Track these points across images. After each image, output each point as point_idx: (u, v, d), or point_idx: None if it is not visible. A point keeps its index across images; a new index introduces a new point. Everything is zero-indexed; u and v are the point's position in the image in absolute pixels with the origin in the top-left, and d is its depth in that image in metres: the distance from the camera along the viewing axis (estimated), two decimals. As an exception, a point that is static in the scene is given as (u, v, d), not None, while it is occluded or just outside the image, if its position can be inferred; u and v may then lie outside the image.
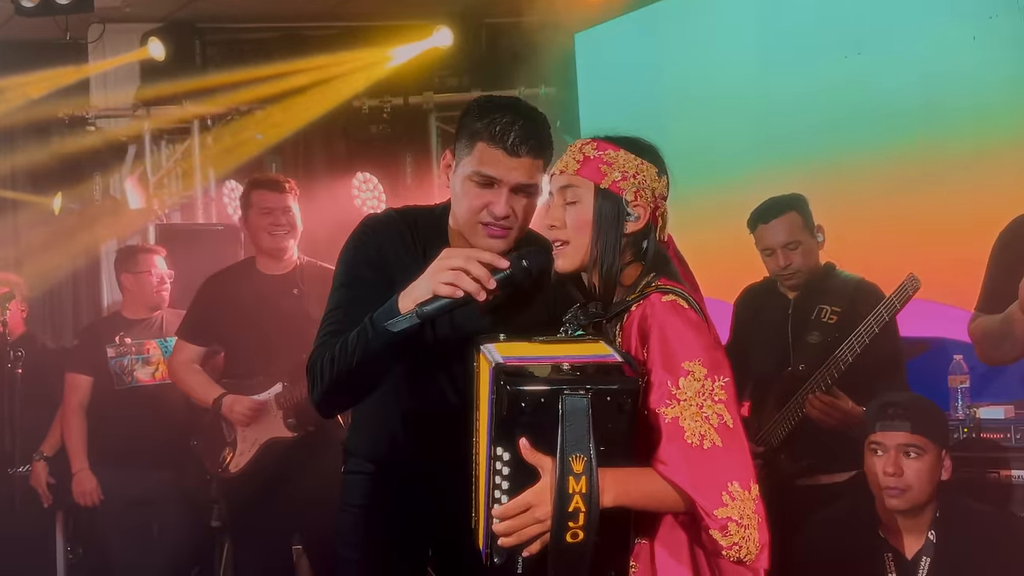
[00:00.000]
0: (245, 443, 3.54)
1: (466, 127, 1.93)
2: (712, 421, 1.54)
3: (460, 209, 1.95)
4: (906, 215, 3.96)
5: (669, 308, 1.61)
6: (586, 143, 1.72)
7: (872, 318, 2.81)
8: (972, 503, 2.54)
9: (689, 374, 1.55)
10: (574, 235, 1.69)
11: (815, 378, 2.90)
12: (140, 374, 3.98)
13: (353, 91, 5.26)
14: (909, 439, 2.40)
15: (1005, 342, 2.56)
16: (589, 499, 1.46)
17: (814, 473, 2.95)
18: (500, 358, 1.54)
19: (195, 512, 4.08)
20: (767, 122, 4.45)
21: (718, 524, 1.51)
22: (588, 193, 1.68)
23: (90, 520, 4.18)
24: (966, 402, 3.27)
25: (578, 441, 1.46)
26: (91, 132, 5.18)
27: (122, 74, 5.36)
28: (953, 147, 3.84)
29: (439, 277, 1.75)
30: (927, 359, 3.45)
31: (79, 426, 4.02)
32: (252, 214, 3.59)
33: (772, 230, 3.03)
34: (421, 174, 5.40)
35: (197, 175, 5.28)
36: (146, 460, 3.87)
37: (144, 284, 4.06)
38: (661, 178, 1.72)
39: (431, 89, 5.42)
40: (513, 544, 1.53)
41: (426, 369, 2.04)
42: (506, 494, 1.52)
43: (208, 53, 5.43)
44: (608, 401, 1.48)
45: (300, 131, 5.29)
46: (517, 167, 1.87)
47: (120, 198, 5.18)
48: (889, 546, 2.43)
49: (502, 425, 1.50)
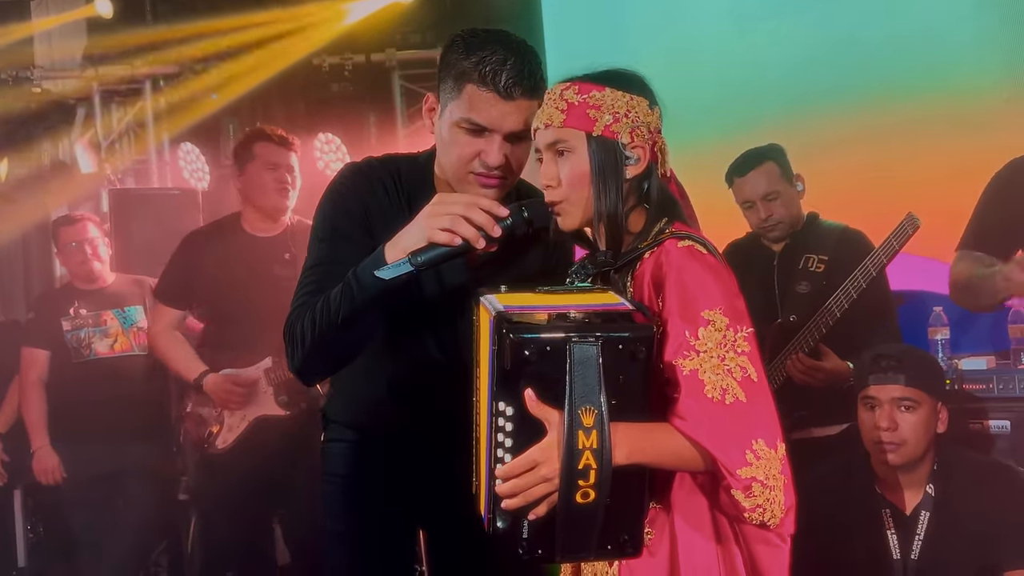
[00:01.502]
0: (233, 418, 3.39)
1: (451, 65, 1.76)
2: (735, 374, 1.44)
3: (448, 158, 1.80)
4: (881, 165, 3.96)
5: (686, 253, 1.50)
6: (566, 88, 1.57)
7: (869, 261, 2.79)
8: (970, 453, 2.51)
9: (710, 323, 1.45)
10: (572, 192, 1.57)
11: (809, 327, 2.87)
12: (99, 347, 3.84)
13: (312, 47, 5.15)
14: (904, 392, 2.35)
15: (989, 296, 2.54)
16: (601, 455, 1.36)
17: (807, 426, 2.92)
18: (502, 307, 1.44)
19: (162, 486, 3.99)
20: (736, 74, 4.41)
21: (741, 484, 1.41)
22: (580, 143, 1.55)
23: (52, 498, 4.07)
24: (947, 353, 3.28)
25: (588, 393, 1.36)
26: (36, 93, 4.98)
27: (68, 31, 5.18)
28: (927, 97, 3.85)
29: (435, 223, 1.62)
30: (905, 311, 3.43)
31: (38, 402, 3.90)
32: (254, 167, 3.38)
33: (750, 182, 3.00)
34: (385, 134, 5.30)
35: (150, 137, 5.15)
36: (109, 434, 3.75)
37: (69, 258, 3.91)
38: (654, 110, 1.58)
39: (393, 46, 5.30)
40: (518, 506, 1.43)
41: (411, 328, 1.92)
42: (509, 452, 1.42)
43: (159, 9, 5.25)
44: (620, 350, 1.37)
45: (257, 90, 5.16)
46: (512, 111, 1.71)
47: (70, 162, 5.02)
48: (887, 502, 2.39)
49: (504, 378, 1.40)
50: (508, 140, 1.75)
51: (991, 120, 3.63)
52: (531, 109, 1.72)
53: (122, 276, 4.02)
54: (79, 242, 3.85)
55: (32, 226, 5.01)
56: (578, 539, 1.42)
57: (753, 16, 4.40)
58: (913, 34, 3.85)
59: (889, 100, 3.93)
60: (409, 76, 5.33)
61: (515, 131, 1.73)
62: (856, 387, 2.48)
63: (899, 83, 3.90)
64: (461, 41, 1.77)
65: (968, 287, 2.59)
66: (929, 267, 3.69)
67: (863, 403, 2.42)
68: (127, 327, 3.86)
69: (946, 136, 3.77)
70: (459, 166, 1.78)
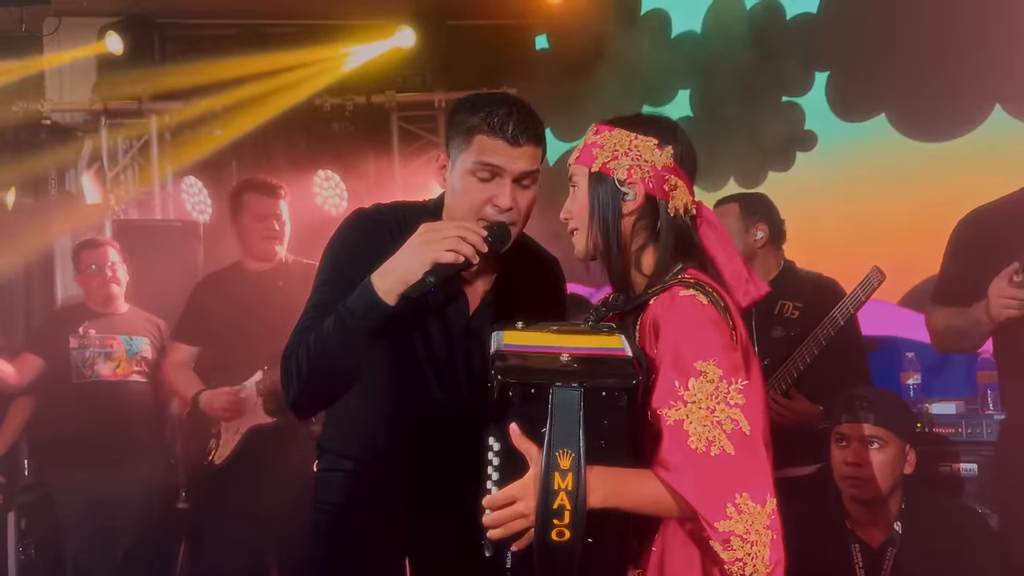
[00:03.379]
0: (228, 433, 3.54)
1: (460, 123, 1.89)
2: (725, 426, 1.42)
3: (461, 206, 1.89)
4: (857, 218, 4.08)
5: (687, 303, 1.51)
6: (590, 129, 1.69)
7: (837, 311, 2.91)
8: (937, 496, 2.60)
9: (702, 375, 1.45)
10: (578, 222, 1.67)
11: (781, 371, 2.98)
12: (102, 368, 3.91)
13: (314, 89, 5.26)
14: (873, 431, 2.45)
15: (966, 339, 2.57)
16: (575, 497, 1.39)
17: (781, 466, 2.99)
18: (502, 345, 1.50)
19: (158, 505, 4.01)
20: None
21: (720, 537, 1.40)
22: (583, 179, 1.66)
23: (46, 519, 4.08)
24: (918, 397, 3.39)
25: (567, 436, 1.40)
26: (46, 126, 5.07)
27: (78, 68, 5.27)
28: (900, 154, 3.98)
29: (440, 246, 1.76)
30: (879, 356, 3.54)
31: (16, 408, 4.00)
32: (245, 217, 3.60)
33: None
34: (383, 172, 5.38)
35: (155, 170, 5.22)
36: (104, 458, 3.80)
37: (88, 281, 4.00)
38: (664, 148, 1.62)
39: (393, 88, 5.43)
40: (500, 537, 1.47)
41: (409, 365, 1.98)
42: (496, 485, 1.48)
43: (167, 49, 5.35)
44: (603, 397, 1.41)
45: (260, 128, 5.25)
46: (519, 156, 1.84)
47: (76, 193, 5.10)
48: (856, 537, 2.46)
49: (493, 413, 1.47)
50: (516, 183, 1.86)
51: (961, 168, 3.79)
52: (536, 155, 1.87)
53: (136, 309, 4.11)
54: (100, 265, 3.95)
55: (35, 254, 5.07)
56: (558, 575, 1.44)
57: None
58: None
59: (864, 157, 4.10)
60: (407, 117, 5.45)
61: (524, 171, 1.86)
62: (830, 426, 2.57)
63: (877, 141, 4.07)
64: (467, 102, 1.91)
65: (949, 332, 2.60)
66: (901, 314, 3.82)
67: (835, 440, 2.52)
68: (131, 354, 3.94)
69: (923, 187, 3.91)
70: (472, 212, 1.87)
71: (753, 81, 4.46)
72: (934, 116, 3.94)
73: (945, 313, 2.60)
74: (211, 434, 3.57)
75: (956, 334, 2.58)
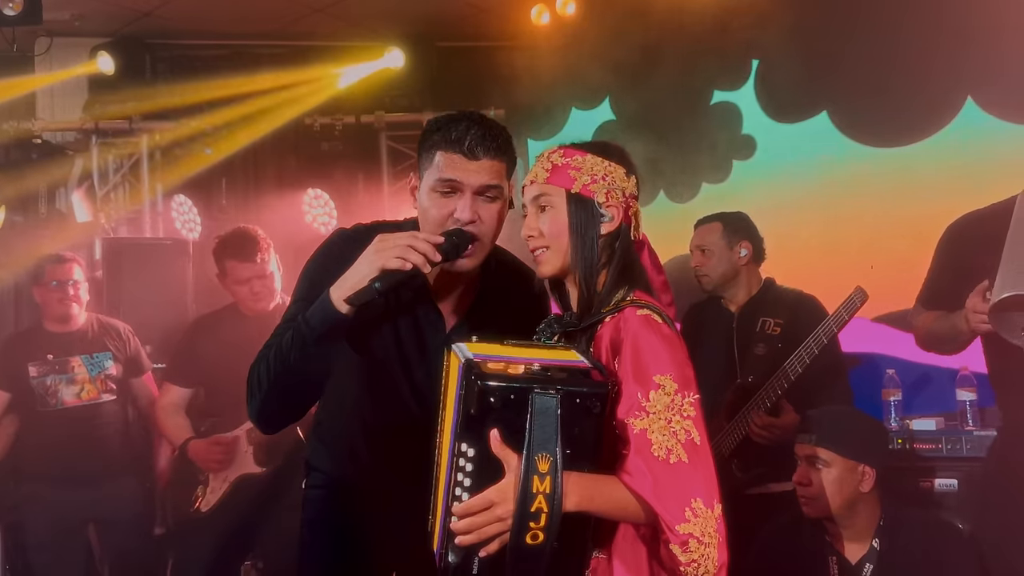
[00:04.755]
0: (216, 480, 3.51)
1: (424, 143, 1.94)
2: (680, 436, 1.52)
3: (427, 221, 1.93)
4: (839, 238, 4.13)
5: (643, 322, 1.60)
6: (553, 152, 1.75)
7: (820, 330, 2.95)
8: (916, 512, 2.61)
9: (660, 388, 1.54)
10: (552, 241, 1.72)
11: (765, 389, 3.02)
12: (65, 395, 3.77)
13: (304, 108, 5.30)
14: (813, 451, 2.49)
15: (947, 344, 2.62)
16: (552, 500, 1.45)
17: (764, 482, 3.06)
18: (472, 355, 1.53)
19: (136, 526, 3.96)
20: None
21: (679, 539, 1.48)
22: (560, 199, 1.71)
23: (21, 541, 4.01)
24: (899, 414, 3.43)
25: (545, 441, 1.45)
26: (37, 145, 5.10)
27: (70, 88, 5.31)
28: (879, 178, 4.03)
29: (389, 253, 1.80)
30: (860, 373, 3.59)
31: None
32: (228, 283, 3.56)
33: (696, 234, 3.34)
34: (372, 191, 5.45)
35: (145, 189, 5.24)
36: (80, 478, 3.73)
37: (48, 295, 3.80)
38: (630, 178, 1.74)
39: (382, 108, 5.50)
40: (471, 543, 1.50)
41: (388, 383, 2.02)
42: (467, 491, 1.50)
43: (158, 68, 5.40)
44: (577, 403, 1.46)
45: (250, 147, 5.30)
46: (477, 169, 1.87)
47: (66, 211, 5.11)
48: (834, 550, 2.48)
49: (469, 421, 1.48)
50: (477, 195, 1.89)
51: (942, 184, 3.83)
52: (496, 169, 1.89)
53: (94, 317, 3.93)
54: (62, 281, 3.78)
55: (24, 272, 5.06)
56: None
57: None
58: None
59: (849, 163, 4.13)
60: (396, 137, 5.53)
61: (483, 185, 1.88)
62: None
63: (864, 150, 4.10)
64: (433, 122, 1.95)
65: (930, 336, 2.66)
66: (882, 332, 3.86)
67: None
68: (94, 374, 3.80)
69: (901, 199, 3.96)
70: (436, 226, 1.91)
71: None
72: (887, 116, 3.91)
73: (929, 316, 2.65)
74: (199, 481, 3.54)
75: (937, 338, 2.64)
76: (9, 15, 4.36)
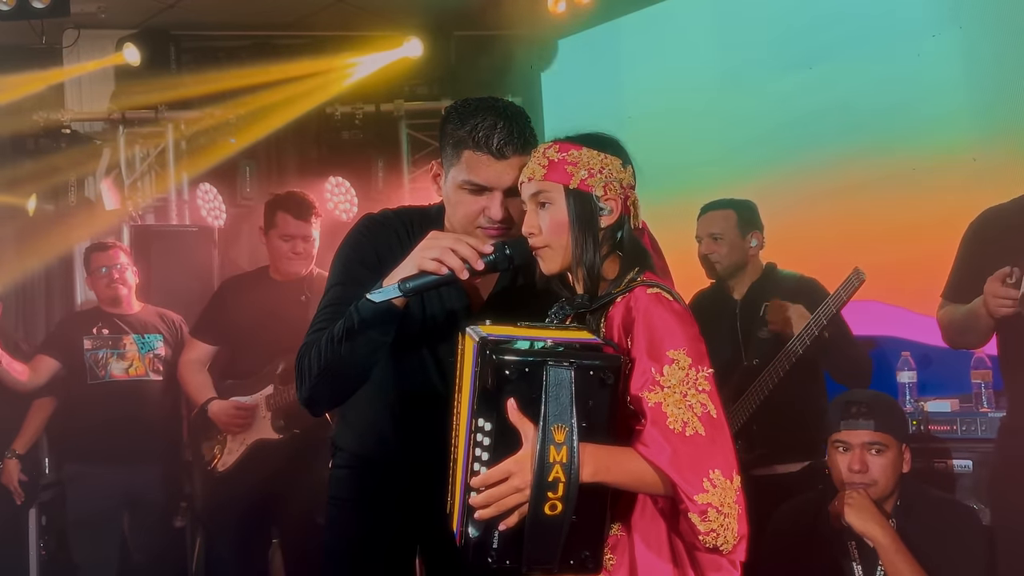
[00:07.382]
0: (234, 442, 3.60)
1: (449, 135, 1.92)
2: (696, 410, 1.53)
3: (456, 216, 1.94)
4: (851, 217, 4.15)
5: (654, 299, 1.61)
6: (548, 147, 1.74)
7: (820, 311, 2.98)
8: (931, 491, 2.62)
9: (674, 362, 1.55)
10: (552, 238, 1.72)
11: (768, 370, 3.07)
12: (114, 369, 3.97)
13: (325, 98, 5.34)
14: (873, 436, 2.48)
15: (969, 333, 2.63)
16: (569, 469, 1.46)
17: (769, 463, 3.11)
18: (485, 334, 1.56)
19: (168, 509, 4.11)
20: (724, 134, 4.63)
21: (698, 509, 1.49)
22: (559, 195, 1.70)
23: (62, 517, 4.18)
24: (914, 396, 3.45)
25: (561, 412, 1.47)
26: (66, 135, 5.19)
27: (97, 79, 5.38)
28: (896, 154, 4.05)
29: (426, 254, 1.78)
30: (875, 355, 3.61)
31: (37, 408, 4.08)
32: (273, 235, 3.63)
33: (706, 220, 3.32)
34: (392, 179, 5.48)
35: (171, 177, 5.30)
36: (119, 457, 3.87)
37: (97, 282, 4.07)
38: (626, 168, 1.73)
39: (402, 97, 5.53)
40: (491, 515, 1.51)
41: (417, 363, 2.05)
42: (485, 466, 1.52)
43: (183, 59, 5.45)
44: (591, 376, 1.48)
45: (273, 136, 5.35)
46: (506, 169, 1.86)
47: (95, 199, 5.20)
48: (853, 534, 2.47)
49: (485, 396, 1.51)
50: (507, 194, 1.90)
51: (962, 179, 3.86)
52: (524, 164, 1.86)
53: (148, 307, 4.17)
54: (108, 267, 4.02)
55: (55, 259, 5.18)
56: (544, 551, 1.50)
57: (740, 78, 4.65)
58: (898, 103, 4.06)
59: (865, 158, 4.15)
60: (415, 125, 5.55)
61: (512, 186, 1.87)
62: (827, 431, 2.60)
63: (877, 144, 4.11)
64: (455, 112, 1.94)
65: (953, 327, 2.67)
66: (897, 314, 3.89)
67: (834, 447, 2.54)
68: (144, 352, 3.99)
69: (917, 189, 3.97)
70: (466, 222, 1.93)
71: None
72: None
73: (951, 309, 2.66)
74: (216, 440, 3.63)
75: (960, 329, 2.64)
76: (38, 8, 4.44)
